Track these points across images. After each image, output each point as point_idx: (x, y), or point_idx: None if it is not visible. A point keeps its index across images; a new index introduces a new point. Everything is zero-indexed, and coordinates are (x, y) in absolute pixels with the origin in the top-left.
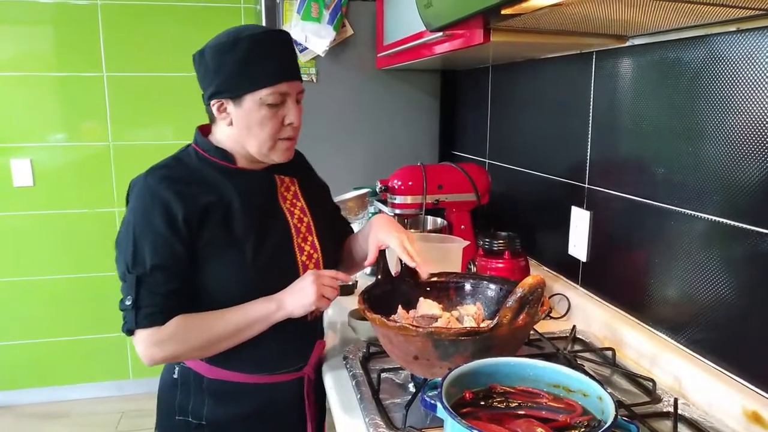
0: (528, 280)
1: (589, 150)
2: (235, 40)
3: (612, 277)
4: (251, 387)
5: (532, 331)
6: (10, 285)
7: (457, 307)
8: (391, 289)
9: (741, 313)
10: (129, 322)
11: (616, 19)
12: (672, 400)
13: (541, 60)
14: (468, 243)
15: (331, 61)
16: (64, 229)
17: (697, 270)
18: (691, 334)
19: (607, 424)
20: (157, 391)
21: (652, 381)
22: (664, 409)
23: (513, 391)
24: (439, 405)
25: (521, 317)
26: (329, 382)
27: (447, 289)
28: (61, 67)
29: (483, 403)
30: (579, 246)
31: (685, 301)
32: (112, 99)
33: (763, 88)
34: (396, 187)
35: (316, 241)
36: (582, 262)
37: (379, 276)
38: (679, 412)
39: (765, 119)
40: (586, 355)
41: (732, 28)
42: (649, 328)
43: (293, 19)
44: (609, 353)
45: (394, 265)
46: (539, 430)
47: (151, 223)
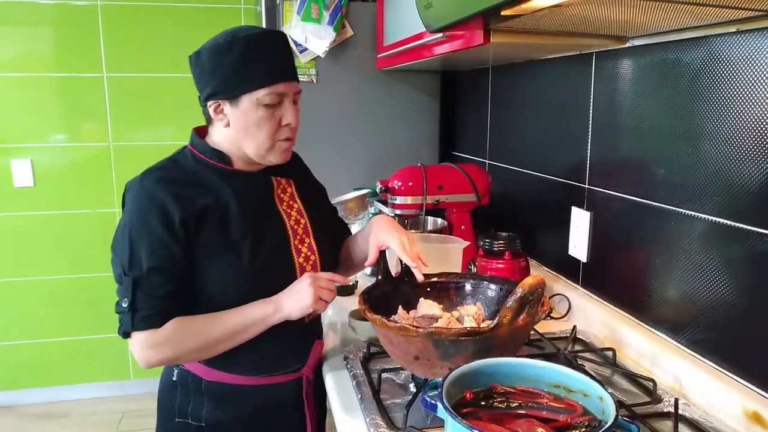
0: (528, 281)
1: (589, 150)
2: (232, 41)
3: (612, 277)
4: (250, 389)
5: (532, 332)
6: (11, 285)
7: (458, 307)
8: (392, 290)
9: (741, 313)
10: (125, 324)
11: (616, 20)
12: (672, 400)
13: (541, 61)
14: (468, 243)
15: (331, 62)
16: (64, 230)
17: (698, 270)
18: (691, 334)
19: (607, 425)
20: (157, 392)
21: (652, 381)
22: (665, 410)
23: (513, 391)
24: (439, 405)
25: (521, 317)
26: (330, 382)
27: (447, 290)
28: (62, 67)
29: (484, 403)
30: (579, 246)
31: (686, 302)
32: (112, 100)
33: (763, 88)
34: (396, 187)
35: (313, 242)
36: (582, 263)
37: (380, 276)
38: (679, 412)
39: (765, 120)
40: (587, 355)
41: (732, 29)
42: (649, 328)
43: (293, 20)
44: (609, 353)
45: (395, 266)
46: (540, 430)
47: (148, 225)
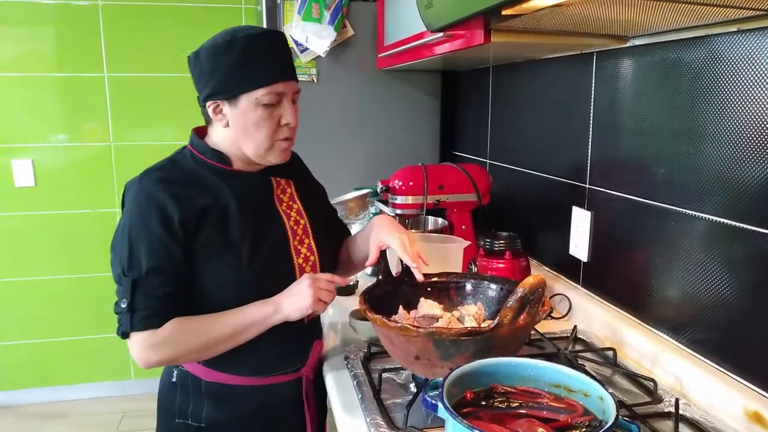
0: (529, 280)
1: (589, 150)
2: (230, 41)
3: (613, 277)
4: (249, 389)
5: (533, 331)
6: (12, 285)
7: (458, 307)
8: (392, 290)
9: (742, 313)
10: (124, 325)
11: (617, 20)
12: (673, 400)
13: (542, 60)
14: (469, 243)
15: (332, 62)
16: (65, 230)
17: (698, 270)
18: (692, 334)
19: (608, 425)
20: (157, 393)
21: (653, 381)
22: (666, 410)
23: (514, 391)
24: (440, 405)
25: (522, 317)
26: (330, 382)
27: (448, 290)
28: (63, 67)
29: (484, 403)
30: (580, 246)
31: (686, 302)
32: (113, 99)
33: (763, 88)
34: (397, 187)
35: (312, 243)
36: (583, 262)
37: (380, 276)
38: (680, 412)
39: (766, 120)
40: (587, 355)
41: (733, 29)
42: (650, 328)
43: (294, 20)
44: (610, 353)
45: (395, 266)
46: (540, 430)
47: (147, 226)
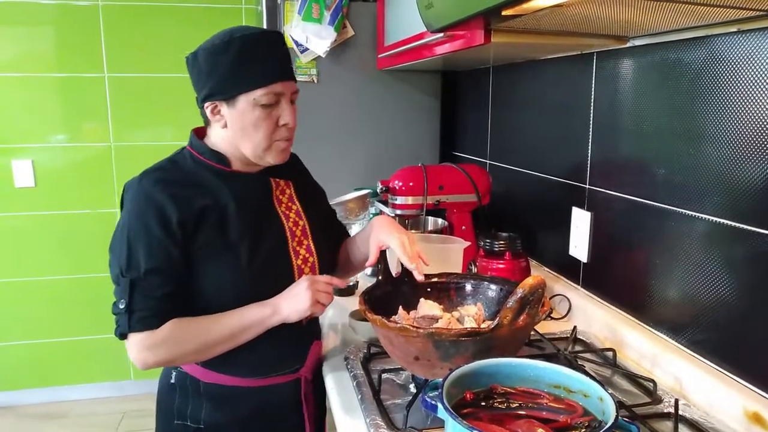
0: (528, 281)
1: (589, 151)
2: (228, 42)
3: (613, 277)
4: (248, 390)
5: (532, 332)
6: (12, 285)
7: (458, 307)
8: (392, 290)
9: (742, 313)
10: (122, 325)
11: (617, 20)
12: (673, 400)
13: (542, 61)
14: (469, 244)
15: (332, 62)
16: (65, 230)
17: (698, 271)
18: (691, 334)
19: (607, 425)
20: (156, 394)
21: (652, 382)
22: (665, 410)
23: (514, 391)
24: (439, 405)
25: (522, 318)
26: (330, 382)
27: (448, 290)
28: (63, 67)
29: (484, 403)
30: (580, 247)
31: (686, 302)
32: (113, 100)
33: (763, 89)
34: (397, 187)
35: (311, 244)
36: (583, 263)
37: (380, 277)
38: (679, 412)
39: (766, 120)
40: (587, 355)
41: (733, 29)
42: (649, 328)
43: (294, 20)
44: (610, 354)
45: (395, 266)
46: (540, 430)
47: (146, 226)
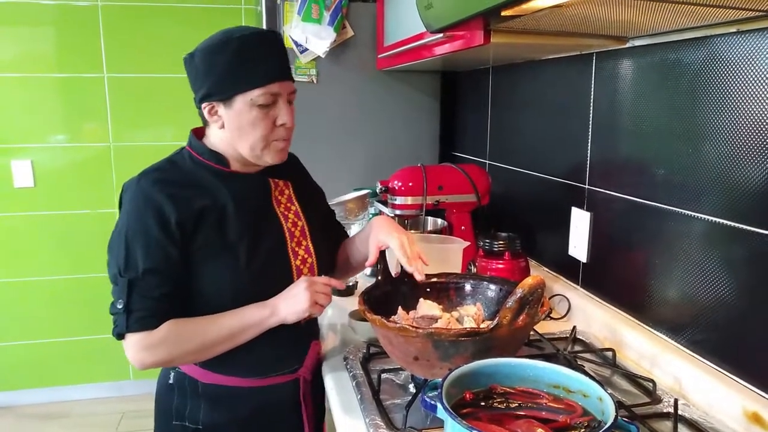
0: (528, 281)
1: (589, 151)
2: (225, 42)
3: (612, 277)
4: (246, 390)
5: (532, 332)
6: (11, 285)
7: (457, 307)
8: (391, 290)
9: (741, 313)
10: (120, 326)
11: (617, 21)
12: (672, 400)
13: (542, 61)
14: (468, 244)
15: (332, 63)
16: (64, 230)
17: (697, 271)
18: (691, 334)
19: (607, 425)
20: (155, 395)
21: (652, 382)
22: (665, 410)
23: (513, 391)
24: (439, 405)
25: (521, 318)
26: (329, 382)
27: (447, 290)
28: (62, 68)
29: (483, 403)
30: (579, 247)
31: (685, 302)
32: (112, 100)
33: (763, 89)
34: (396, 188)
35: (310, 245)
36: (582, 263)
37: (379, 277)
38: (679, 412)
39: (765, 120)
40: (587, 355)
41: (732, 30)
42: (649, 328)
43: (294, 21)
44: (609, 354)
45: (394, 266)
46: (539, 430)
47: (144, 227)
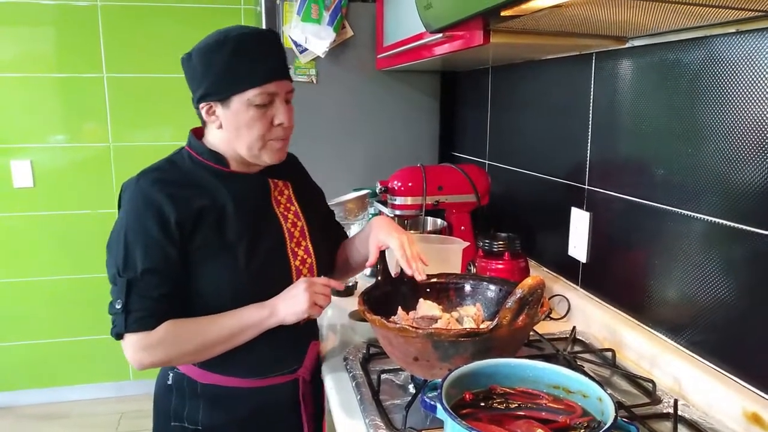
0: (528, 281)
1: (588, 151)
2: (221, 41)
3: (612, 278)
4: (246, 391)
5: (531, 332)
6: (10, 286)
7: (457, 308)
8: (391, 291)
9: (741, 314)
10: (118, 326)
11: (616, 21)
12: (672, 401)
13: (541, 61)
14: (468, 244)
15: (331, 63)
16: (64, 230)
17: (697, 271)
18: (690, 335)
19: (606, 425)
20: (153, 396)
21: (651, 382)
22: (664, 410)
23: (513, 392)
24: (439, 406)
25: (521, 318)
26: (329, 383)
27: (447, 290)
28: (62, 68)
29: (483, 404)
30: (579, 247)
31: (685, 303)
32: (112, 100)
33: (762, 89)
34: (396, 188)
35: (309, 245)
36: (582, 263)
37: (379, 277)
38: (678, 413)
39: (764, 121)
40: (586, 356)
41: (731, 30)
42: (649, 329)
43: (293, 21)
44: (609, 354)
45: (394, 266)
46: (539, 431)
47: (144, 227)
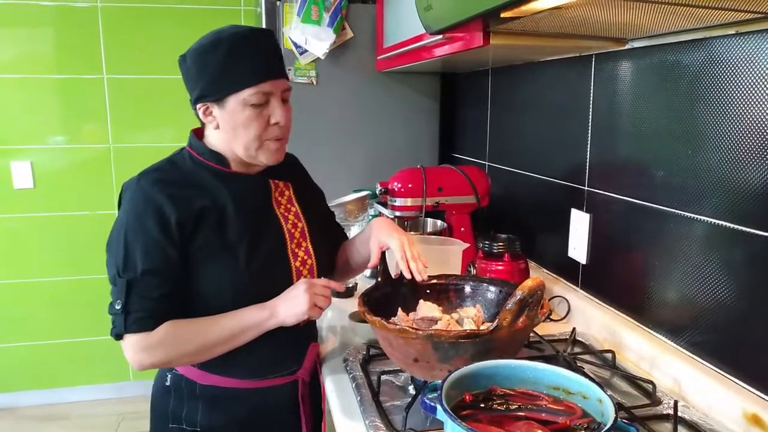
0: (528, 283)
1: (588, 153)
2: (216, 42)
3: (612, 279)
4: (245, 392)
5: (531, 334)
6: (10, 287)
7: (457, 309)
8: (391, 292)
9: (740, 315)
10: (118, 326)
11: (616, 22)
12: (672, 402)
13: (541, 63)
14: (468, 245)
15: (331, 64)
16: (64, 232)
17: (697, 272)
18: (690, 336)
19: (606, 427)
20: (150, 398)
21: (651, 383)
22: (664, 412)
23: (513, 393)
24: (439, 407)
25: (521, 320)
26: (329, 384)
27: (447, 292)
28: (62, 69)
29: (483, 405)
30: (579, 248)
31: (685, 304)
32: (112, 101)
33: (762, 90)
34: (396, 189)
35: (310, 246)
36: (582, 265)
37: (379, 278)
38: (678, 414)
39: (764, 122)
40: (586, 357)
41: (731, 31)
42: (648, 330)
43: (293, 22)
44: (609, 355)
45: (394, 268)
46: None
47: (144, 227)
